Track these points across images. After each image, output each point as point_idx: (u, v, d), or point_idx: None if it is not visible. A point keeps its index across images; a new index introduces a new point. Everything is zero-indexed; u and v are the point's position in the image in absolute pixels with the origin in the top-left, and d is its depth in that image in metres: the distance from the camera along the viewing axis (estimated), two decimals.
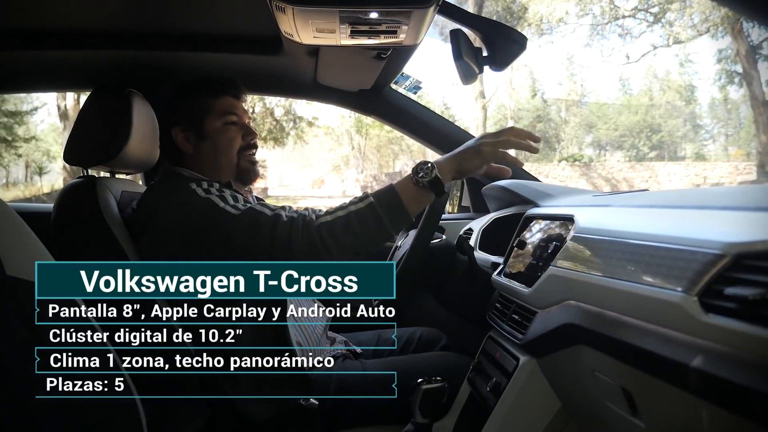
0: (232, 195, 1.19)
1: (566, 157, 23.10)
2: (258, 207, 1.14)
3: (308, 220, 1.07)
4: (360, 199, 1.07)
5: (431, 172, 1.01)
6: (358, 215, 1.04)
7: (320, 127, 21.23)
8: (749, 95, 15.21)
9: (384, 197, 1.04)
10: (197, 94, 1.33)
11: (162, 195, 1.23)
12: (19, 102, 19.24)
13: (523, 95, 26.72)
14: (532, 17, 17.70)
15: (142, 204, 1.25)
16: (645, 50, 22.12)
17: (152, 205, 1.21)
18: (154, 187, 1.30)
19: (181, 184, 1.22)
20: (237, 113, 1.32)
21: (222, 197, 1.17)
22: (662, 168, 18.88)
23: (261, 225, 1.08)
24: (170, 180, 1.29)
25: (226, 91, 1.32)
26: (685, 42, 17.49)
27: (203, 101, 1.31)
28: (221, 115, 1.31)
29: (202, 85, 1.34)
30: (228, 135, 1.31)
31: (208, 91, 1.33)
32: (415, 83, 1.90)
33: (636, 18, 17.96)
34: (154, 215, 1.19)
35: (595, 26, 18.62)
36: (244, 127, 1.33)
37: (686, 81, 26.16)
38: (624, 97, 28.50)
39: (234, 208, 1.14)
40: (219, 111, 1.31)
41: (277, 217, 1.09)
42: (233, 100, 1.33)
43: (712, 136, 28.67)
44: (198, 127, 1.31)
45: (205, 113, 1.31)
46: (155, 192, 1.26)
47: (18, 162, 21.47)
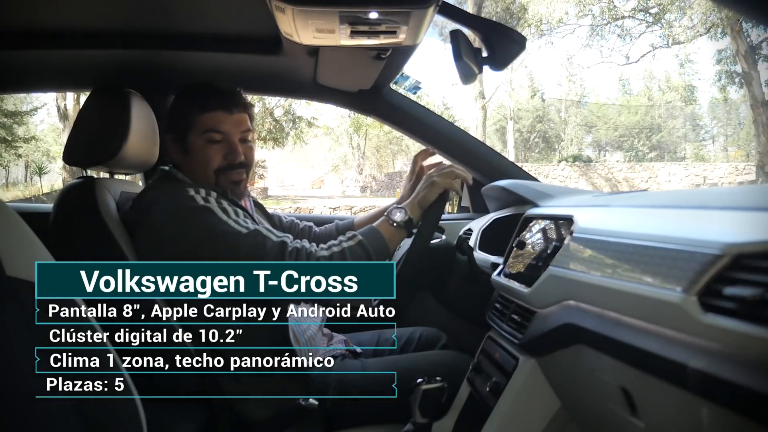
0: (232, 208, 1.19)
1: (566, 158, 23.11)
2: (264, 231, 1.16)
3: (309, 252, 1.15)
4: (349, 238, 1.19)
5: (405, 215, 1.23)
6: (351, 251, 1.17)
7: (320, 127, 21.25)
8: (749, 95, 15.22)
9: (371, 236, 1.20)
10: (185, 106, 1.30)
11: (159, 195, 1.23)
12: (19, 102, 19.27)
13: (522, 95, 26.75)
14: (531, 18, 17.70)
15: (138, 201, 1.25)
16: (644, 51, 22.14)
17: (148, 204, 1.21)
18: (152, 186, 1.30)
19: (178, 187, 1.22)
20: (222, 130, 1.27)
21: (223, 209, 1.17)
22: (662, 168, 18.89)
23: (267, 250, 1.13)
24: (167, 181, 1.29)
25: (214, 106, 1.27)
26: (685, 42, 17.51)
27: (189, 115, 1.28)
28: (203, 132, 1.27)
29: (192, 97, 1.30)
30: (206, 154, 1.27)
31: (196, 104, 1.28)
32: (415, 83, 1.91)
33: (635, 18, 17.97)
34: (149, 213, 1.19)
35: (594, 27, 18.64)
36: (229, 146, 1.28)
37: (686, 81, 26.19)
38: (624, 98, 28.54)
39: (237, 224, 1.15)
40: (202, 127, 1.27)
41: (283, 245, 1.14)
42: (222, 114, 1.27)
43: (712, 136, 28.72)
44: (183, 141, 1.30)
45: (190, 128, 1.28)
46: (152, 191, 1.26)
47: (18, 162, 21.48)
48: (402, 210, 1.23)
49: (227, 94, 1.30)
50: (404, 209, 1.23)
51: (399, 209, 1.24)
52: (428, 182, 1.26)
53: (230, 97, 1.29)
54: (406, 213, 1.23)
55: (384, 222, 1.23)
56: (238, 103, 1.30)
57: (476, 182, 1.88)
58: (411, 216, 1.23)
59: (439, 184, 1.24)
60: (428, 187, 1.25)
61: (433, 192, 1.24)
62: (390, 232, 1.22)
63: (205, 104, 1.28)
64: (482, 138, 15.85)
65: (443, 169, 1.28)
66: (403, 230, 1.23)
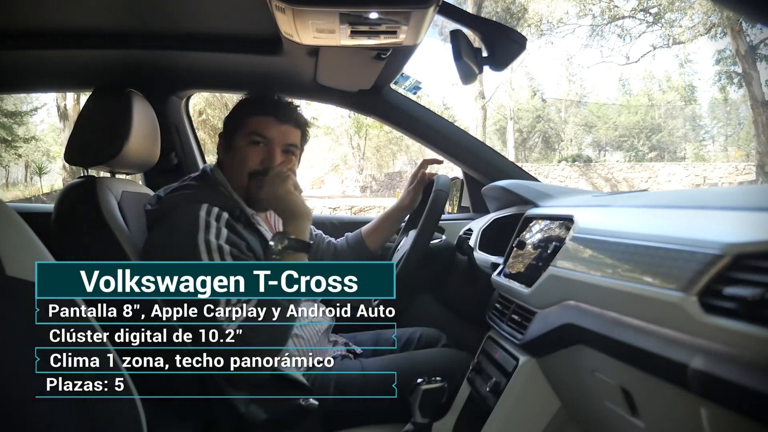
0: (233, 239, 1.17)
1: (566, 158, 23.12)
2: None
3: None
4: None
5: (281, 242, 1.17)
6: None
7: (320, 127, 21.23)
8: (749, 95, 15.21)
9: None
10: (242, 108, 1.34)
11: (172, 207, 1.21)
12: (19, 102, 19.27)
13: (522, 95, 26.75)
14: (531, 18, 17.70)
15: (161, 204, 1.24)
16: (644, 51, 22.14)
17: (161, 213, 1.21)
18: (181, 187, 1.28)
19: (199, 196, 1.21)
20: (266, 135, 1.29)
21: (210, 248, 1.13)
22: (662, 168, 18.89)
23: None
24: (199, 185, 1.29)
25: (266, 111, 1.31)
26: (685, 42, 17.50)
27: (242, 116, 1.32)
28: (249, 133, 1.30)
29: (251, 100, 1.35)
30: (244, 154, 1.30)
31: (251, 107, 1.33)
32: (415, 83, 1.91)
33: (636, 18, 17.97)
34: (160, 222, 1.20)
35: (594, 27, 18.62)
36: (268, 152, 1.29)
37: (686, 81, 26.20)
38: (624, 98, 28.54)
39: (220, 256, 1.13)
40: (249, 129, 1.30)
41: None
42: (271, 121, 1.30)
43: (712, 136, 28.72)
44: (229, 139, 1.33)
45: (239, 128, 1.32)
46: (176, 195, 1.25)
47: (18, 162, 21.48)
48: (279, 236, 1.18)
49: (282, 104, 1.33)
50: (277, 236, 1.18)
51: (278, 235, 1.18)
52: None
53: (284, 108, 1.33)
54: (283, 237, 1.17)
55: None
56: (290, 116, 1.33)
57: (476, 182, 1.88)
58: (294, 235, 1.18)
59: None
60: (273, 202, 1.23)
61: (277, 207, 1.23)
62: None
63: (258, 108, 1.32)
64: (482, 138, 15.84)
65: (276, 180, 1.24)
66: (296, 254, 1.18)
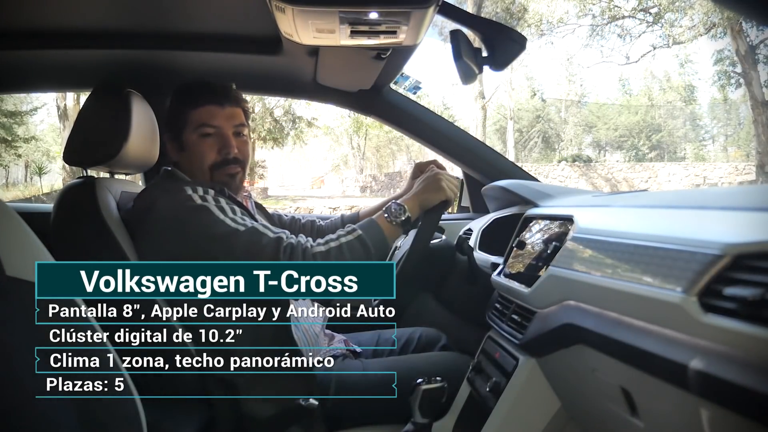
0: (230, 206, 1.19)
1: (566, 158, 23.11)
2: (261, 228, 1.15)
3: (305, 247, 1.14)
4: (348, 232, 1.17)
5: (404, 214, 1.20)
6: (349, 246, 1.15)
7: (320, 127, 21.23)
8: (748, 95, 15.21)
9: (371, 231, 1.18)
10: (179, 104, 1.32)
11: (159, 194, 1.23)
12: (19, 102, 19.24)
13: (522, 95, 26.72)
14: (531, 18, 17.69)
15: (139, 201, 1.26)
16: (644, 51, 22.13)
17: (148, 203, 1.22)
18: (152, 185, 1.30)
19: (177, 185, 1.22)
20: (213, 124, 1.28)
21: (220, 207, 1.17)
22: (662, 168, 18.89)
23: (263, 246, 1.12)
24: (168, 180, 1.29)
25: (205, 101, 1.28)
26: (685, 42, 17.49)
27: (182, 112, 1.30)
28: (196, 127, 1.28)
29: (185, 94, 1.32)
30: (199, 149, 1.29)
31: (187, 100, 1.30)
32: (415, 83, 1.91)
33: (636, 18, 17.96)
34: (149, 213, 1.20)
35: (594, 26, 18.61)
36: (221, 140, 1.29)
37: (686, 81, 26.18)
38: (624, 98, 28.52)
39: (234, 222, 1.15)
40: (195, 123, 1.28)
41: (279, 241, 1.13)
42: (214, 108, 1.29)
43: (712, 136, 28.71)
44: (178, 138, 1.31)
45: (184, 125, 1.29)
46: (152, 190, 1.26)
47: (18, 162, 21.47)
48: (401, 208, 1.22)
49: (218, 89, 1.31)
50: (404, 207, 1.22)
51: (399, 207, 1.22)
52: (435, 185, 1.24)
53: (221, 92, 1.31)
54: (406, 211, 1.21)
55: (383, 217, 1.22)
56: (229, 98, 1.31)
57: (476, 182, 1.88)
58: (410, 216, 1.21)
59: (445, 191, 1.24)
60: (434, 191, 1.24)
61: (437, 196, 1.23)
62: (389, 228, 1.20)
63: (196, 100, 1.30)
64: (482, 138, 15.83)
65: (451, 178, 1.27)
66: (400, 228, 1.22)
